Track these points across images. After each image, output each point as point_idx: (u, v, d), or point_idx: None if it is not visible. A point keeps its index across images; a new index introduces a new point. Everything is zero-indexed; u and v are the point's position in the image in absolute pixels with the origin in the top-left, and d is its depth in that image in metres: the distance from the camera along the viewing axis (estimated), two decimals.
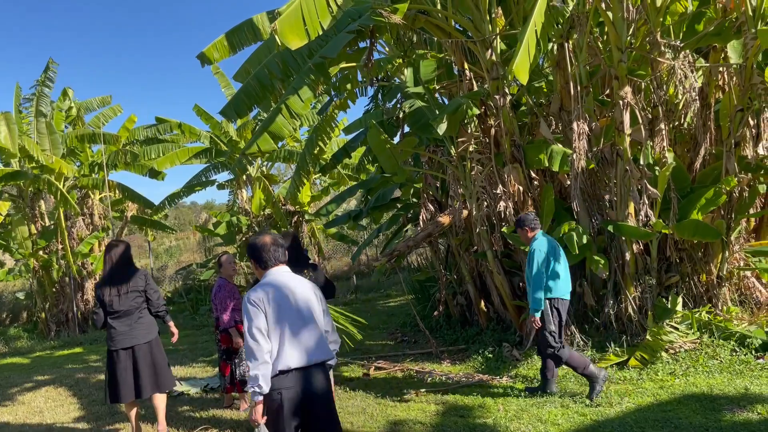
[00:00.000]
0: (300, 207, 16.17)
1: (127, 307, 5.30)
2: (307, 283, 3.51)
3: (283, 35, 5.80)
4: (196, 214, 40.11)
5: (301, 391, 3.26)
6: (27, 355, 12.34)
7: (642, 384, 5.75)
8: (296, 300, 3.36)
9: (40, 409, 7.07)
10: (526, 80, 5.67)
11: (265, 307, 3.25)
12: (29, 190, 15.48)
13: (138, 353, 5.28)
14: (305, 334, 3.31)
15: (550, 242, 5.78)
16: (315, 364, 3.32)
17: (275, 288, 3.34)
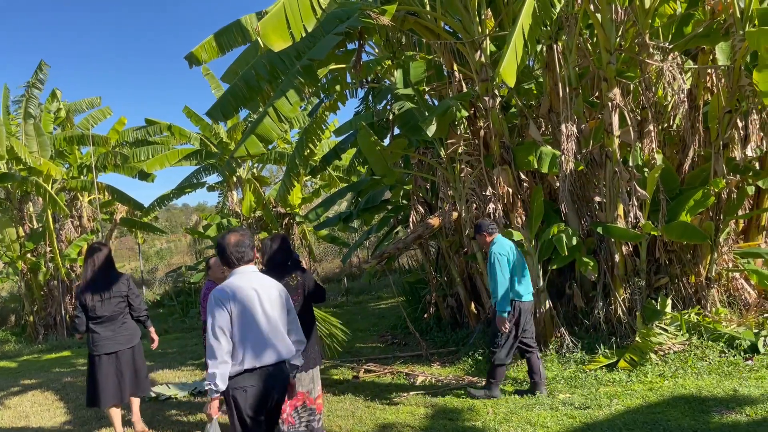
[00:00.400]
0: (291, 209, 16.10)
1: (110, 313, 5.29)
2: (272, 283, 3.57)
3: (265, 37, 5.78)
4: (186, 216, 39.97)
5: (264, 387, 3.37)
6: (14, 359, 12.22)
7: (631, 386, 5.74)
8: (261, 300, 3.42)
9: (26, 413, 6.99)
10: (513, 83, 5.67)
11: (230, 307, 3.30)
12: (17, 193, 15.33)
13: (122, 358, 5.31)
14: (269, 333, 3.40)
15: (509, 245, 5.88)
16: (277, 363, 3.43)
17: (241, 287, 3.39)
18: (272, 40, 5.90)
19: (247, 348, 3.32)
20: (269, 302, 3.46)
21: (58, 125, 16.74)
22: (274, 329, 3.45)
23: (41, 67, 15.72)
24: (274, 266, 4.79)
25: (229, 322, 3.30)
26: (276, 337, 3.45)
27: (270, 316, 3.44)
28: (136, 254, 22.83)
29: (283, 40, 5.98)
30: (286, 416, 4.72)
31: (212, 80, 16.24)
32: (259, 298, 3.42)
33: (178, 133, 16.05)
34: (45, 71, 15.75)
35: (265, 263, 4.85)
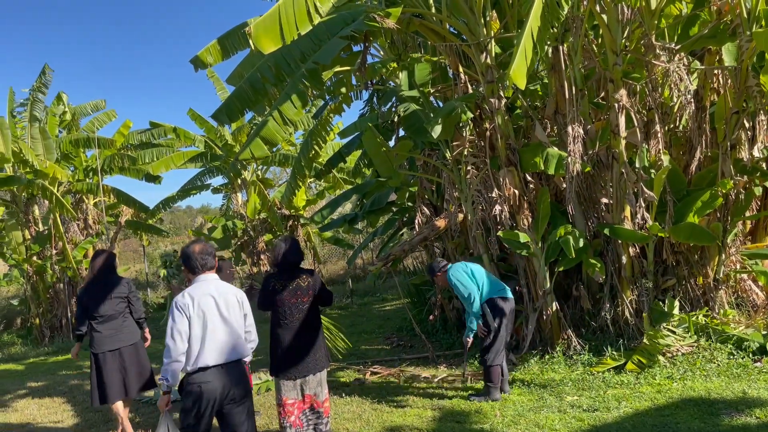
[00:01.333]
0: (295, 211, 16.12)
1: (111, 312, 5.55)
2: (230, 289, 3.93)
3: (257, 39, 5.82)
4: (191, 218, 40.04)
5: (218, 384, 3.72)
6: (21, 362, 12.26)
7: (639, 388, 5.71)
8: (218, 305, 3.79)
9: (33, 416, 7.01)
10: (523, 85, 5.65)
11: (189, 313, 3.70)
12: (23, 195, 15.38)
13: (125, 354, 5.55)
14: (225, 336, 3.77)
15: (463, 265, 6.23)
16: (231, 362, 3.78)
17: (201, 294, 3.78)
18: (263, 42, 5.95)
19: (204, 348, 3.69)
20: (226, 307, 3.82)
21: (63, 128, 16.80)
22: (231, 331, 3.81)
23: (45, 71, 15.79)
24: (286, 267, 4.81)
25: (188, 327, 3.68)
26: (232, 338, 3.80)
27: (227, 320, 3.81)
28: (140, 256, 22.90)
29: (274, 43, 6.01)
30: (294, 419, 4.73)
31: (217, 83, 16.28)
32: (216, 303, 3.79)
33: (182, 135, 16.09)
34: (49, 75, 15.83)
35: (278, 264, 4.86)
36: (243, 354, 3.89)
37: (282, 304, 4.74)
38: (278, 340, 4.77)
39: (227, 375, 3.74)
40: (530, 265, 7.08)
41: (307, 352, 4.77)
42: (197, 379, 3.68)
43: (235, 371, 3.80)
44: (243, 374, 3.88)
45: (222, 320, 3.79)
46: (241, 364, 3.88)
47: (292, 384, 4.71)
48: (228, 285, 3.95)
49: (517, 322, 7.45)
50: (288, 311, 4.74)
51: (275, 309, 4.79)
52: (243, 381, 3.87)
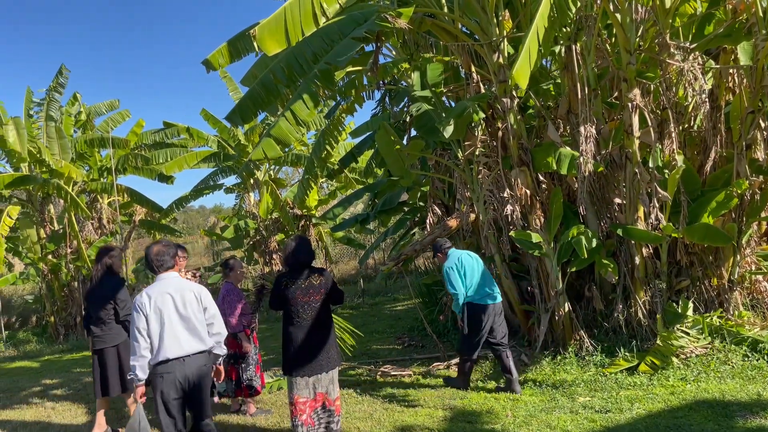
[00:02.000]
0: (307, 211, 16.15)
1: (99, 314, 5.69)
2: (188, 285, 4.20)
3: (261, 41, 5.91)
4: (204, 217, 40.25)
5: (179, 375, 4.05)
6: (36, 359, 12.39)
7: (652, 389, 5.68)
8: (175, 302, 4.09)
9: (48, 413, 7.08)
10: (525, 85, 5.64)
11: (146, 311, 4.02)
12: (38, 195, 15.54)
13: (107, 356, 5.69)
14: (183, 331, 4.08)
15: (458, 256, 6.47)
16: (190, 354, 4.09)
17: (160, 293, 4.09)
18: (267, 44, 6.04)
19: (163, 342, 4.02)
20: (182, 303, 4.11)
21: (78, 128, 16.96)
22: (189, 326, 4.11)
23: (62, 72, 15.95)
24: (297, 266, 4.85)
25: (146, 323, 4.01)
26: (190, 331, 4.11)
27: (183, 315, 4.10)
28: None
29: (279, 45, 6.10)
30: (306, 417, 4.76)
31: (230, 83, 16.36)
32: (173, 300, 4.09)
33: (196, 135, 16.19)
34: (65, 75, 15.99)
35: (289, 263, 4.89)
36: (204, 347, 4.17)
37: (294, 303, 4.78)
38: (290, 339, 4.80)
39: (187, 366, 4.07)
40: (542, 265, 7.05)
41: (320, 350, 4.80)
42: (159, 370, 4.04)
43: (195, 363, 4.11)
44: (206, 365, 4.19)
45: (179, 316, 4.09)
46: (202, 356, 4.17)
47: (304, 382, 4.75)
48: (187, 282, 4.25)
49: (529, 322, 7.43)
50: (300, 310, 4.77)
51: (287, 308, 4.82)
52: (204, 371, 4.18)
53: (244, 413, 6.21)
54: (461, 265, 6.39)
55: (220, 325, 4.32)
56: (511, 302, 7.76)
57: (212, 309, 4.27)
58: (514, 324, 7.95)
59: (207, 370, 4.21)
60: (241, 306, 6.17)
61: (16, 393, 8.45)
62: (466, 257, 6.48)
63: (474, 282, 6.35)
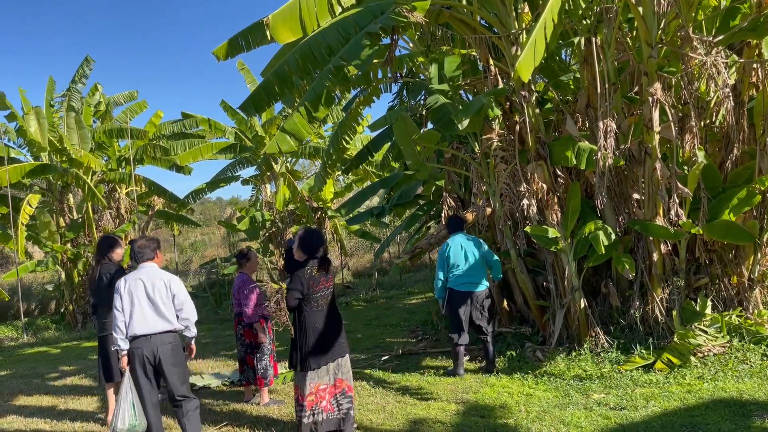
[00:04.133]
0: (323, 203, 16.18)
1: (100, 301, 5.87)
2: (160, 274, 4.82)
3: (274, 29, 5.94)
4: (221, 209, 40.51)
5: (146, 350, 4.69)
6: (54, 346, 12.57)
7: (669, 387, 5.61)
8: (146, 287, 4.73)
9: (64, 399, 7.18)
10: (527, 79, 5.58)
11: (121, 292, 4.74)
12: (58, 184, 15.73)
13: (107, 342, 5.78)
14: (150, 312, 4.71)
15: (454, 244, 6.83)
16: (157, 333, 4.70)
17: (134, 279, 4.77)
18: (280, 33, 6.08)
19: (133, 321, 4.69)
20: (152, 289, 4.73)
21: (97, 118, 17.12)
22: (156, 309, 4.72)
23: (87, 62, 16.06)
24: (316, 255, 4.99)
25: (120, 303, 4.71)
26: (158, 314, 4.72)
27: (153, 299, 4.71)
28: (171, 246, 23.25)
29: (293, 34, 6.14)
30: (326, 404, 4.90)
31: (247, 75, 16.41)
32: (144, 285, 4.74)
33: (214, 126, 16.27)
34: (90, 66, 16.10)
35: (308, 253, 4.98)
36: (169, 326, 4.75)
37: (314, 291, 4.91)
38: (310, 327, 4.90)
39: (153, 343, 4.69)
40: (558, 260, 6.99)
41: (338, 335, 5.00)
42: (132, 345, 4.71)
43: (160, 340, 4.71)
44: (171, 342, 4.76)
45: (147, 299, 4.72)
46: (168, 335, 4.75)
47: (325, 369, 4.90)
48: (160, 271, 4.88)
49: (544, 317, 7.38)
50: (319, 297, 4.92)
51: (307, 297, 4.87)
52: (172, 348, 4.76)
53: (258, 403, 6.24)
54: (448, 249, 6.82)
55: (189, 312, 4.85)
56: (525, 297, 7.71)
57: (181, 296, 4.81)
58: (529, 319, 7.90)
59: (172, 347, 4.77)
60: (255, 296, 6.20)
61: (34, 379, 8.58)
62: (459, 242, 6.83)
63: (460, 268, 6.73)
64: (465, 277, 6.71)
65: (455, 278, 6.75)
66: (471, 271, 6.72)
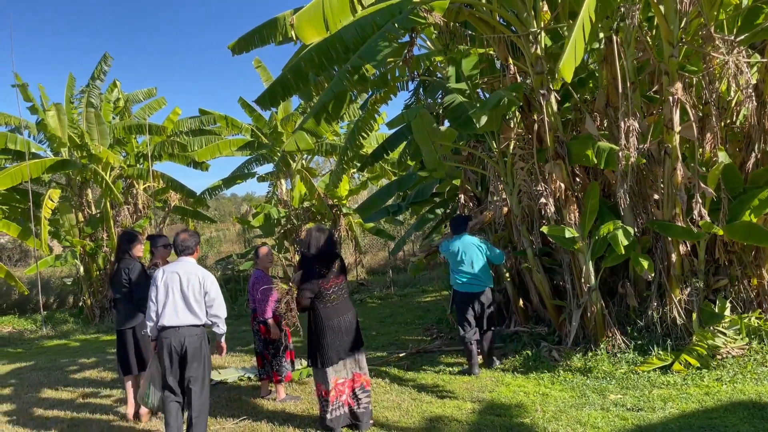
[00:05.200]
0: (338, 201, 16.22)
1: (118, 295, 5.95)
2: (197, 271, 4.90)
3: (299, 29, 5.98)
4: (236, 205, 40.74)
5: (174, 341, 4.78)
6: (73, 339, 12.74)
7: (686, 389, 5.57)
8: (181, 281, 4.83)
9: (83, 392, 7.27)
10: (570, 78, 5.57)
11: (157, 283, 4.88)
12: (77, 179, 15.92)
13: (125, 336, 5.90)
14: (182, 305, 4.82)
15: (453, 246, 6.99)
16: (184, 325, 4.80)
17: (171, 272, 4.89)
18: (306, 32, 6.11)
19: (165, 312, 4.82)
20: (187, 284, 4.83)
21: (116, 114, 17.29)
22: (187, 303, 4.81)
23: (105, 59, 16.21)
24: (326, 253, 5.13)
25: (155, 293, 4.85)
26: (188, 308, 4.81)
27: (185, 294, 4.81)
28: None
29: (318, 34, 6.18)
30: (346, 398, 5.05)
31: (263, 72, 16.47)
32: (180, 279, 4.83)
33: (231, 123, 16.37)
34: (109, 63, 16.25)
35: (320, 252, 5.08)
36: (197, 321, 4.85)
37: (327, 288, 5.01)
38: (325, 324, 5.02)
39: (180, 335, 4.79)
40: (575, 260, 6.96)
41: (353, 329, 5.11)
42: (161, 335, 4.84)
43: (187, 332, 4.81)
44: (197, 337, 4.85)
45: (181, 293, 4.81)
46: (195, 329, 4.85)
47: (342, 364, 5.03)
48: (197, 267, 4.94)
49: (560, 317, 7.35)
50: (332, 294, 5.04)
51: (319, 295, 4.95)
52: (197, 342, 4.85)
53: (274, 399, 6.29)
54: (448, 248, 7.06)
55: (218, 308, 4.92)
56: (542, 297, 7.69)
57: (212, 293, 4.89)
58: (545, 318, 7.88)
59: (198, 341, 4.86)
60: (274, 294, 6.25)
61: (54, 371, 8.71)
62: (456, 244, 6.98)
63: (459, 269, 6.95)
64: (464, 278, 6.90)
65: (455, 279, 6.99)
66: (470, 272, 6.88)
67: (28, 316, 16.36)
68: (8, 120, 15.72)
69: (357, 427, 5.10)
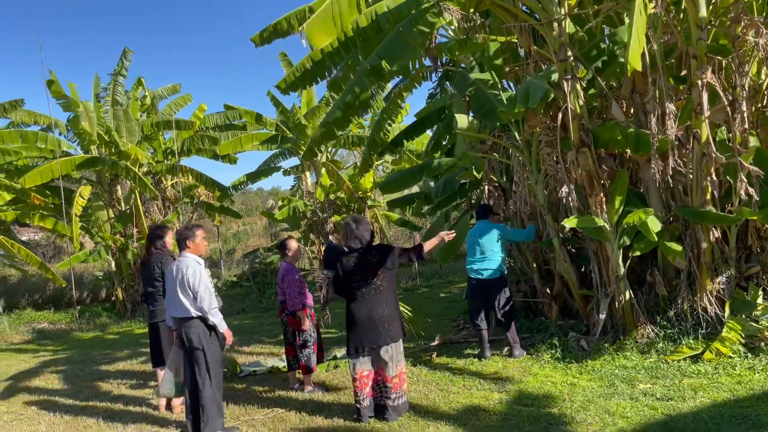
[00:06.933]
0: (362, 193, 16.27)
1: (150, 289, 6.11)
2: (186, 263, 5.06)
3: (310, 36, 6.29)
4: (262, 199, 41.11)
5: (181, 331, 5.09)
6: (107, 332, 13.05)
7: (718, 378, 5.49)
8: (175, 274, 5.11)
9: (117, 383, 7.46)
10: (639, 67, 5.47)
11: (166, 277, 5.34)
12: (107, 176, 16.22)
13: (159, 329, 6.07)
14: (177, 297, 5.08)
15: (471, 233, 7.26)
16: (183, 317, 5.07)
17: (173, 266, 5.21)
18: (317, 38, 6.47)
19: (170, 304, 5.21)
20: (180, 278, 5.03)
21: (143, 111, 17.56)
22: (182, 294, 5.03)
23: (125, 54, 16.43)
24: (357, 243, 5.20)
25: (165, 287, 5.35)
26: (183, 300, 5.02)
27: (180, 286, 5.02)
28: (215, 236, 23.73)
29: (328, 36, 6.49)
30: (369, 390, 5.15)
31: (287, 66, 16.57)
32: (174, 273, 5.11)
33: (256, 118, 16.52)
34: (129, 58, 16.43)
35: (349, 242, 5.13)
36: (189, 314, 5.03)
37: (355, 280, 5.06)
38: (352, 315, 5.15)
39: (184, 326, 5.08)
40: (602, 249, 6.88)
41: (379, 324, 5.09)
42: (175, 324, 5.18)
43: (185, 324, 5.06)
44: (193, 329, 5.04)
45: (177, 286, 5.06)
46: (193, 320, 5.04)
47: (366, 357, 5.12)
48: (187, 259, 5.10)
49: (588, 307, 7.29)
50: (361, 285, 5.09)
51: (349, 286, 5.03)
52: (193, 334, 5.04)
53: (302, 390, 6.37)
54: (469, 239, 7.25)
55: (202, 301, 5.00)
56: (569, 287, 7.63)
57: (194, 287, 5.01)
58: (573, 308, 7.82)
59: (194, 332, 5.03)
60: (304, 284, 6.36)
61: (89, 364, 8.94)
62: (475, 231, 7.22)
63: (471, 255, 7.18)
64: (473, 265, 7.14)
65: (468, 265, 7.23)
66: (479, 258, 7.09)
67: (63, 310, 16.77)
68: (38, 119, 16.08)
69: (384, 419, 5.15)
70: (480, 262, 7.07)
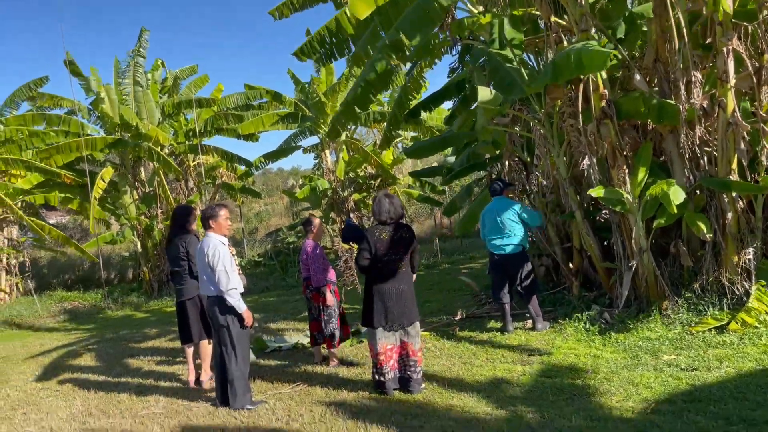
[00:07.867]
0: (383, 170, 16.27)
1: (176, 268, 6.20)
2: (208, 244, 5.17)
3: (353, 6, 6.58)
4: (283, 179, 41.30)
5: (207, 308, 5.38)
6: (136, 311, 13.34)
7: (743, 348, 5.46)
8: (201, 255, 5.23)
9: (148, 360, 7.65)
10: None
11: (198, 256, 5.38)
12: (130, 158, 16.43)
13: (186, 307, 6.18)
14: (201, 276, 5.31)
15: (488, 208, 7.33)
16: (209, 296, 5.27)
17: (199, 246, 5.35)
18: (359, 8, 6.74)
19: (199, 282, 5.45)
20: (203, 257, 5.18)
21: (163, 93, 17.68)
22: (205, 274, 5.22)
23: (142, 34, 16.47)
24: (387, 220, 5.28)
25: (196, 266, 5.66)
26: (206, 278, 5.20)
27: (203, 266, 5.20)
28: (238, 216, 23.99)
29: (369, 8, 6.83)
30: (393, 363, 5.24)
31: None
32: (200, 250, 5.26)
33: (276, 97, 16.55)
34: (146, 38, 16.45)
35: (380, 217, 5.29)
36: (209, 293, 5.22)
37: (382, 256, 5.13)
38: (377, 291, 5.21)
39: (206, 302, 5.41)
40: (625, 221, 6.83)
41: (405, 302, 5.20)
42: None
43: (210, 302, 5.27)
44: (215, 307, 5.19)
45: (200, 265, 5.25)
46: (212, 299, 5.21)
47: (391, 332, 5.20)
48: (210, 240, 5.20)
49: (611, 280, 7.27)
50: (388, 262, 5.17)
51: (381, 260, 5.10)
52: (213, 312, 5.22)
53: (327, 364, 6.47)
54: (485, 210, 7.36)
55: (218, 279, 5.08)
56: (591, 260, 7.60)
57: (212, 266, 5.11)
58: (596, 281, 7.80)
59: (215, 311, 5.19)
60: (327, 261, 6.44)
61: (120, 342, 9.17)
62: (491, 207, 7.28)
63: (487, 231, 7.26)
64: (495, 241, 7.18)
65: (489, 241, 7.26)
66: (495, 234, 7.15)
67: (93, 291, 17.15)
68: (61, 102, 16.29)
69: (408, 391, 5.23)
70: (501, 238, 7.11)
